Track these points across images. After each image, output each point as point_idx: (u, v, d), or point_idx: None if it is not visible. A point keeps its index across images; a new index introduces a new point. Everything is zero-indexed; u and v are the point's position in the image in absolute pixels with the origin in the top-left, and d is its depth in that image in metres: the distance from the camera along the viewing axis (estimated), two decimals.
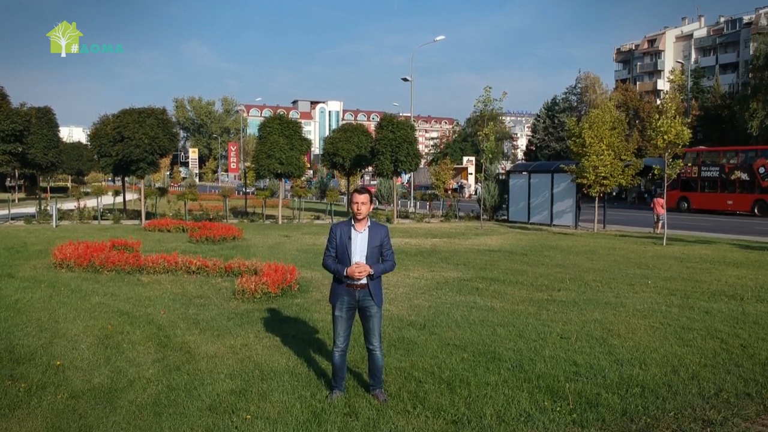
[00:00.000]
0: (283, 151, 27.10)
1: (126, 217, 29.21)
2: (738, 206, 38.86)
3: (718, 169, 40.10)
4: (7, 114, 23.12)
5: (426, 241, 20.86)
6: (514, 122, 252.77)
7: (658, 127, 20.68)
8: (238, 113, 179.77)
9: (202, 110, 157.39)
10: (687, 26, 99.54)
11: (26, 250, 16.49)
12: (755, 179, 38.32)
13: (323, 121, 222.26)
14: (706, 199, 40.11)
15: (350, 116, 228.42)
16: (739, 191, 38.67)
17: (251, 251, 17.07)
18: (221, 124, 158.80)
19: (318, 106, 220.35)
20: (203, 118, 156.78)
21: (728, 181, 39.32)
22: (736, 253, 18.10)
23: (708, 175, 40.19)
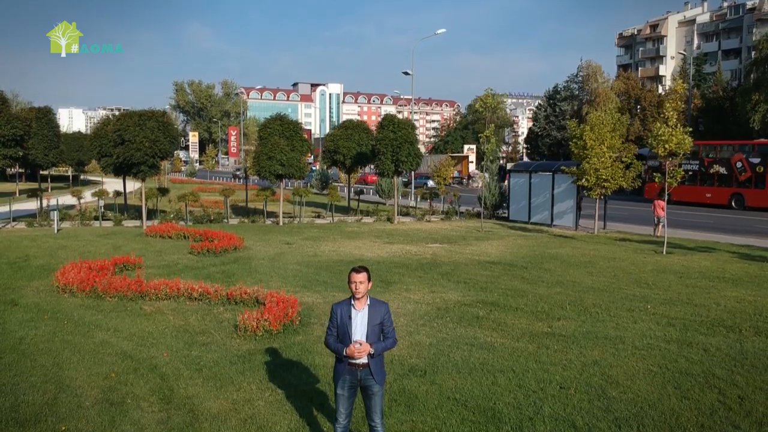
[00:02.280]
0: (284, 153, 27.09)
1: (127, 216, 29.22)
2: (716, 199, 40.29)
3: (698, 162, 41.57)
4: (7, 119, 23.08)
5: (426, 249, 20.91)
6: (515, 105, 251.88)
7: (659, 135, 20.65)
8: (239, 96, 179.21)
9: (202, 94, 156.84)
10: (690, 11, 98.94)
11: (28, 266, 16.53)
12: (733, 173, 40.01)
13: (323, 103, 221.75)
14: (686, 191, 40.59)
15: (351, 99, 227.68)
16: (717, 185, 40.23)
17: (252, 265, 17.15)
18: (221, 107, 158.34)
19: (318, 89, 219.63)
20: (203, 102, 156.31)
21: (707, 175, 41.13)
22: (735, 266, 18.16)
23: (688, 168, 39.96)
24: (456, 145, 75.35)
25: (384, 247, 21.22)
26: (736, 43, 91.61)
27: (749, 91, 43.58)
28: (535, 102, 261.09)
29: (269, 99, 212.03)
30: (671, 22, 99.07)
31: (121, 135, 25.04)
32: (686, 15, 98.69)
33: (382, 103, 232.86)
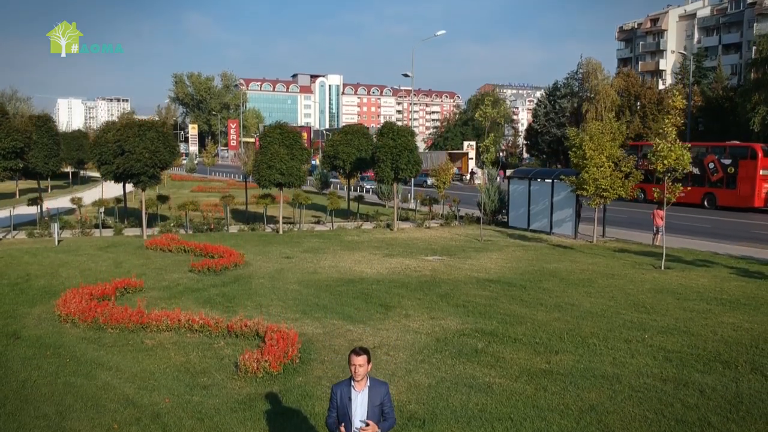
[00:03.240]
0: (284, 162, 27.13)
1: (128, 224, 29.29)
2: (690, 198, 40.16)
3: None
4: (7, 132, 23.11)
5: (426, 264, 20.99)
6: (515, 96, 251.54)
7: (658, 151, 20.70)
8: (238, 87, 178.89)
9: (201, 86, 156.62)
10: (690, 5, 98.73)
11: (30, 287, 16.63)
12: (705, 174, 42.09)
13: (323, 95, 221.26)
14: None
15: (350, 90, 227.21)
16: (691, 184, 40.62)
17: (252, 285, 17.25)
18: (221, 99, 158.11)
19: (318, 80, 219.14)
20: (202, 94, 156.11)
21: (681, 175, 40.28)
22: (733, 284, 18.25)
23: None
24: (456, 141, 75.37)
25: (383, 262, 21.31)
26: (737, 37, 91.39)
27: (749, 91, 43.57)
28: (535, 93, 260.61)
29: (269, 90, 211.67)
30: (672, 16, 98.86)
31: (121, 145, 25.09)
32: (687, 9, 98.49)
33: (382, 95, 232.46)
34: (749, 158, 41.43)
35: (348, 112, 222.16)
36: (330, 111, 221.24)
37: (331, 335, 12.70)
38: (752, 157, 41.32)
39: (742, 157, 42.04)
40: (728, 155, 42.52)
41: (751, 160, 41.28)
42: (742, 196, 41.38)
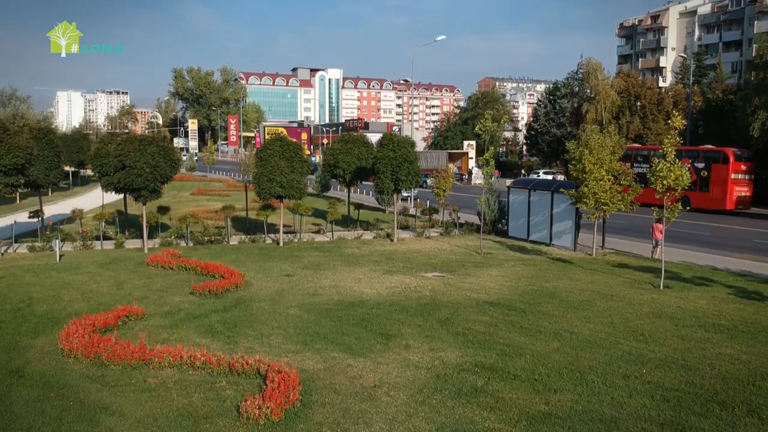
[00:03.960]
0: (284, 175, 27.19)
1: (128, 235, 29.41)
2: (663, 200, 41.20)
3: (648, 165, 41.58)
4: (8, 148, 23.19)
5: (426, 282, 21.09)
6: (515, 90, 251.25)
7: (657, 171, 20.77)
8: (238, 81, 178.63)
9: (201, 81, 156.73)
10: (691, 2, 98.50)
11: (32, 313, 16.73)
12: None
13: (323, 89, 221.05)
14: None
15: (350, 84, 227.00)
16: None
17: (253, 309, 17.36)
18: (220, 94, 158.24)
19: (318, 74, 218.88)
20: (202, 89, 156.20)
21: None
22: (731, 306, 18.37)
23: (639, 171, 42.22)
24: (456, 141, 75.34)
25: (383, 280, 21.41)
26: (737, 35, 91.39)
27: (749, 95, 43.58)
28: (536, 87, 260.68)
29: (268, 84, 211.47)
30: (672, 13, 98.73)
31: (121, 160, 25.15)
32: (687, 6, 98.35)
33: (382, 88, 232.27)
34: (721, 162, 43.22)
35: (348, 106, 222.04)
36: (330, 105, 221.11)
37: (332, 371, 12.80)
38: (724, 162, 43.08)
39: (715, 161, 43.74)
40: (702, 159, 44.33)
41: (723, 164, 43.06)
42: (715, 198, 43.00)
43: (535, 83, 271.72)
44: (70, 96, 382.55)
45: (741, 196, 43.51)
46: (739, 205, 43.29)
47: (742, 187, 43.66)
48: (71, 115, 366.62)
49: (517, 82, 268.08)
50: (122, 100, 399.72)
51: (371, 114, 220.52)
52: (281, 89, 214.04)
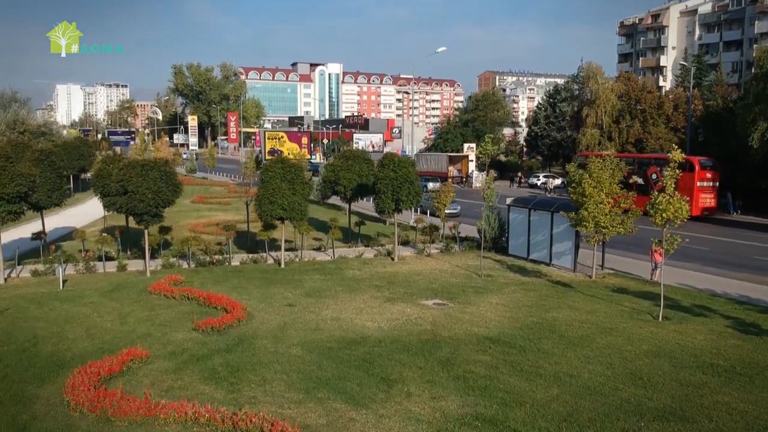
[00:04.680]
0: (285, 197, 27.35)
1: (131, 255, 29.58)
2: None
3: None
4: (11, 177, 23.32)
5: (426, 313, 21.26)
6: (515, 84, 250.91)
7: (657, 204, 20.90)
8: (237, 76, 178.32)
9: (200, 77, 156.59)
10: (691, 1, 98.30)
11: (37, 356, 16.89)
12: (649, 184, 44.95)
13: (323, 83, 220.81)
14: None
15: (350, 78, 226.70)
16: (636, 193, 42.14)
17: (255, 349, 17.54)
18: (220, 90, 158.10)
19: (318, 69, 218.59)
20: (202, 85, 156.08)
21: (627, 185, 44.70)
22: (729, 342, 18.55)
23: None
24: (456, 143, 75.40)
25: (384, 310, 21.57)
26: (738, 34, 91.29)
27: (750, 106, 43.65)
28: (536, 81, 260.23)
29: (268, 79, 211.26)
30: (673, 12, 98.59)
31: (123, 185, 25.28)
32: (688, 5, 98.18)
33: (382, 83, 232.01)
34: (688, 170, 43.74)
35: (348, 101, 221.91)
36: (330, 100, 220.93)
37: (335, 427, 12.98)
38: (690, 170, 44.23)
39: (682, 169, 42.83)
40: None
41: (689, 172, 43.89)
42: None
43: (535, 77, 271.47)
44: (69, 89, 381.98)
45: (706, 203, 45.50)
46: (704, 211, 44.94)
47: (707, 195, 45.67)
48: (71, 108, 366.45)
49: (517, 76, 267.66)
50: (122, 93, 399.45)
51: (371, 109, 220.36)
52: (281, 84, 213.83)
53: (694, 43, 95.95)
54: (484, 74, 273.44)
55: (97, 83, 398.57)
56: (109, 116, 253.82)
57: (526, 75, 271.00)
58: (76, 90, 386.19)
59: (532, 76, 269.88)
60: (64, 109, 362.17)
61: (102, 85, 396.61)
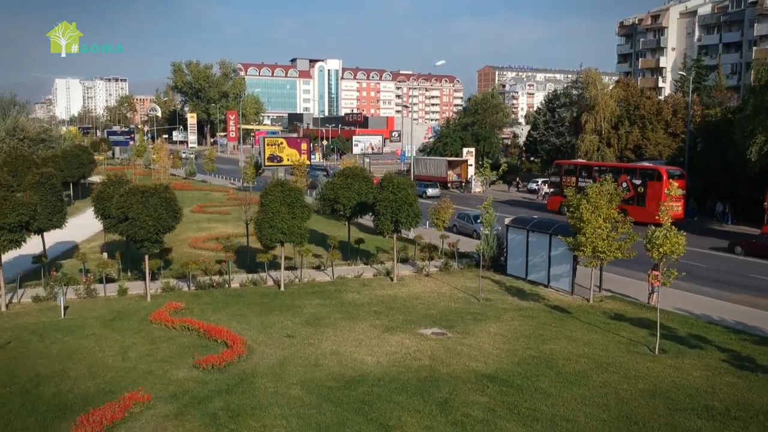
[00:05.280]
0: (285, 221, 27.52)
1: (131, 276, 29.78)
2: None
3: (591, 180, 47.53)
4: (13, 206, 23.47)
5: (425, 346, 21.42)
6: (515, 80, 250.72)
7: (653, 239, 21.05)
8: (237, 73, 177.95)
9: (200, 74, 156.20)
10: (691, 2, 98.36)
11: (40, 398, 17.06)
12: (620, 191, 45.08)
13: (322, 79, 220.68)
14: None
15: (350, 74, 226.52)
16: None
17: (256, 389, 17.76)
18: (219, 88, 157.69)
19: (317, 65, 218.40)
20: (201, 83, 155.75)
21: None
22: (725, 380, 18.72)
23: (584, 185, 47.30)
24: (455, 147, 75.46)
25: (383, 342, 21.73)
26: (738, 36, 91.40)
27: (748, 118, 43.70)
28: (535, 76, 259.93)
29: (267, 75, 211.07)
30: (672, 13, 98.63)
31: (124, 212, 25.42)
32: (688, 6, 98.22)
33: (381, 79, 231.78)
34: (656, 180, 46.47)
35: (347, 97, 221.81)
36: (329, 96, 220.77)
37: None
38: (658, 179, 46.22)
39: (650, 178, 47.07)
40: (639, 176, 48.01)
41: (657, 181, 46.14)
42: (650, 212, 43.98)
43: (534, 72, 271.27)
44: (68, 83, 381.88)
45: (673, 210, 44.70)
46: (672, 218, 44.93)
47: (675, 203, 45.09)
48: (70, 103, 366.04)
49: (516, 71, 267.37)
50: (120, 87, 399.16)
51: (370, 105, 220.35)
52: (280, 80, 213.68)
53: (694, 45, 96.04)
54: (483, 69, 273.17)
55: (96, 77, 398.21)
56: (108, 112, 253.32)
57: (525, 70, 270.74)
58: (75, 84, 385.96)
59: (532, 71, 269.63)
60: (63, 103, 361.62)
61: (101, 80, 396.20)
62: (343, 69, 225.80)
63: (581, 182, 50.42)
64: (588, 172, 52.13)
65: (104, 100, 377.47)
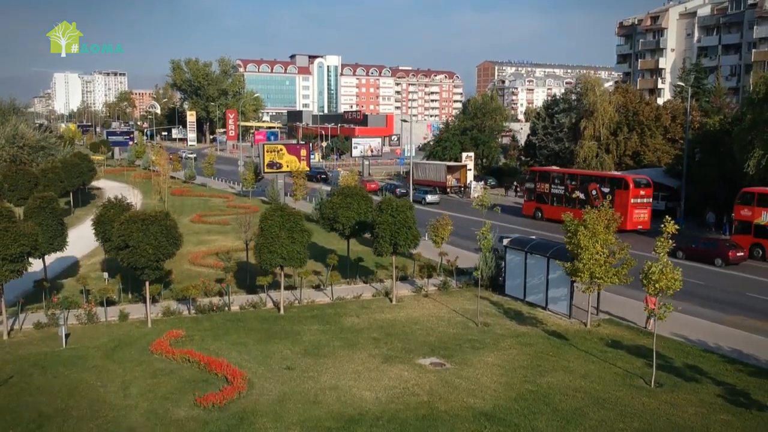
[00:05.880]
0: (285, 246, 27.70)
1: (132, 298, 29.96)
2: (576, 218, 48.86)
3: (563, 187, 53.17)
4: (14, 237, 23.65)
5: (423, 379, 21.62)
6: (514, 76, 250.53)
7: (650, 274, 21.24)
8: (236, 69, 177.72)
9: (199, 72, 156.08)
10: (691, 3, 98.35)
11: None
12: (589, 198, 49.20)
13: (321, 76, 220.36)
14: (554, 211, 51.43)
15: (349, 71, 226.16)
16: (578, 207, 47.23)
17: (255, 429, 17.99)
18: (219, 86, 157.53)
19: (316, 61, 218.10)
20: (200, 81, 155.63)
21: (570, 198, 52.11)
22: (719, 418, 18.95)
23: (556, 192, 53.73)
24: (455, 151, 75.60)
25: (382, 374, 21.90)
26: (737, 38, 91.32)
27: (746, 130, 43.87)
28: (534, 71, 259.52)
29: (267, 72, 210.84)
30: (672, 14, 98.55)
31: (125, 240, 25.60)
32: (687, 7, 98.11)
33: (381, 75, 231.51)
34: (623, 188, 48.49)
35: (347, 93, 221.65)
36: (329, 92, 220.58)
37: None
38: (625, 188, 48.34)
39: (618, 186, 49.08)
40: (607, 184, 50.00)
41: (624, 190, 48.23)
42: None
43: (534, 67, 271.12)
44: (67, 77, 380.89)
45: (640, 218, 48.20)
46: (638, 225, 47.67)
47: (641, 210, 48.40)
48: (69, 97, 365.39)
49: (516, 66, 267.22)
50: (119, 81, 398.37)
51: (370, 101, 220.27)
52: (279, 76, 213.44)
53: (693, 46, 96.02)
54: (483, 64, 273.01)
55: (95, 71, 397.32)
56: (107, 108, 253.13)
57: (525, 65, 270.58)
58: (74, 78, 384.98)
59: (532, 66, 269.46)
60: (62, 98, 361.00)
61: (100, 74, 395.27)
62: (342, 65, 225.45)
63: (554, 189, 54.04)
64: (560, 179, 54.27)
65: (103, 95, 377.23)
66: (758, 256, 40.27)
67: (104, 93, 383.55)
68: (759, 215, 40.29)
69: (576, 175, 53.99)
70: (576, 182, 52.76)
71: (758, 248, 40.35)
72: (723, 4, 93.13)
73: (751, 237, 40.71)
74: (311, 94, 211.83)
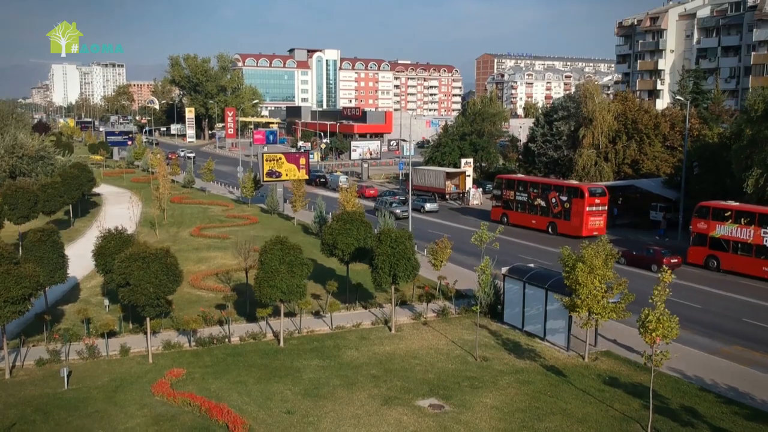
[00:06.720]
0: (284, 281, 27.83)
1: (132, 328, 30.13)
2: (538, 225, 54.13)
3: (527, 195, 55.88)
4: (16, 279, 23.80)
5: (421, 424, 21.83)
6: (514, 69, 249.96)
7: (646, 323, 21.39)
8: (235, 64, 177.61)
9: (197, 69, 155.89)
10: (690, 4, 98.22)
11: None
12: (549, 206, 53.01)
13: (320, 70, 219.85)
14: (519, 217, 55.77)
15: (348, 65, 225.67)
16: (540, 214, 53.99)
17: None
18: (217, 82, 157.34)
19: (315, 55, 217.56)
20: (199, 77, 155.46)
21: (533, 205, 55.03)
22: None
23: (521, 199, 56.36)
24: (453, 156, 75.67)
25: (381, 420, 22.09)
26: (736, 40, 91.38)
27: (744, 148, 44.00)
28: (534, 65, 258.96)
29: (265, 66, 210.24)
30: (671, 15, 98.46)
31: (125, 278, 25.75)
32: (687, 8, 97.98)
33: (380, 69, 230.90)
34: (579, 197, 51.15)
35: (345, 88, 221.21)
36: (328, 86, 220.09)
37: None
38: (581, 196, 51.01)
39: (575, 195, 51.76)
40: (565, 193, 52.56)
41: (580, 198, 50.97)
42: (574, 226, 51.05)
43: (533, 60, 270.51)
44: (65, 69, 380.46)
45: (595, 224, 50.70)
46: (593, 231, 49.22)
47: (596, 218, 51.10)
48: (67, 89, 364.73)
49: (515, 59, 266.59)
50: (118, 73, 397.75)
51: (369, 95, 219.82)
52: (278, 71, 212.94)
53: (693, 47, 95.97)
54: (482, 57, 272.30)
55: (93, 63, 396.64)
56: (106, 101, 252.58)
57: (524, 57, 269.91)
58: (72, 70, 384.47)
59: (531, 58, 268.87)
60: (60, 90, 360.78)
61: (98, 65, 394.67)
62: (341, 59, 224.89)
63: (518, 196, 56.58)
64: (524, 187, 56.83)
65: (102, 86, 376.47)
66: (713, 267, 42.16)
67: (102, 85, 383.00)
68: (713, 228, 41.83)
69: (538, 184, 56.67)
70: (538, 190, 55.27)
71: (713, 259, 42.16)
72: (723, 5, 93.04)
73: (706, 249, 42.44)
74: (310, 88, 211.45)
